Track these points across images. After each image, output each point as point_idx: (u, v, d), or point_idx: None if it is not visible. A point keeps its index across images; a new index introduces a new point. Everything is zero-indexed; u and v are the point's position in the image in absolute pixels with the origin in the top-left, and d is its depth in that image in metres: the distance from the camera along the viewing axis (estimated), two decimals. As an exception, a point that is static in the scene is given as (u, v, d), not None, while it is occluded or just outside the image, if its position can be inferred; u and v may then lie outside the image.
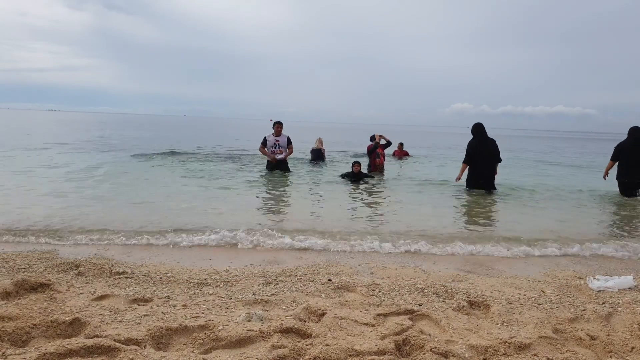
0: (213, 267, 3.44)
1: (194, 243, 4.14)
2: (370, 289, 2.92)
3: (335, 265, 3.58)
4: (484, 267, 3.76)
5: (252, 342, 2.08)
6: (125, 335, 2.06)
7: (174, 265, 3.47)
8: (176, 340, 2.13)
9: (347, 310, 2.52)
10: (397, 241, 4.34)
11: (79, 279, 2.98)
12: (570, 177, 11.53)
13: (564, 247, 4.41)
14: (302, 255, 3.92)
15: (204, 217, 5.21)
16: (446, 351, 2.02)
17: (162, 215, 5.17)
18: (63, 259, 3.39)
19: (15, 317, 2.17)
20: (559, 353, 2.12)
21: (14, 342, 2.00)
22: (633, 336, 2.37)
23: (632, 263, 4.05)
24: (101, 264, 3.32)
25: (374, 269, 3.53)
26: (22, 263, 3.22)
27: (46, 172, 8.61)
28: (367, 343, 2.07)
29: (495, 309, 2.65)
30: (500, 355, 2.06)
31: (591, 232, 5.27)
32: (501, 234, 4.95)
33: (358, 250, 4.12)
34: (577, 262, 4.01)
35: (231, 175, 9.10)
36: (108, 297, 2.64)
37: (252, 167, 10.72)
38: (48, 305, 2.37)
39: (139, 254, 3.74)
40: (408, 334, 2.18)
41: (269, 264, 3.59)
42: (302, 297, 2.75)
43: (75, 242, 4.03)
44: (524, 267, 3.80)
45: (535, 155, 19.99)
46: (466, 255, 4.14)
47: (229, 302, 2.63)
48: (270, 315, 2.41)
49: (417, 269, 3.55)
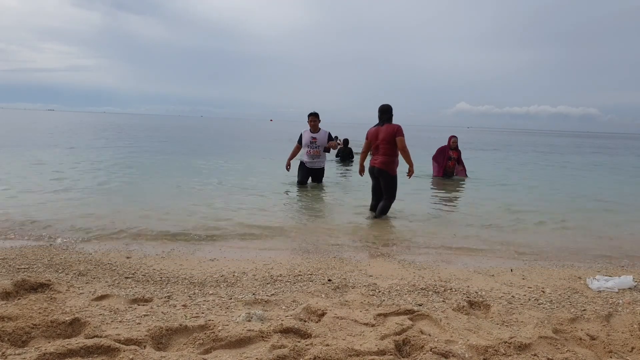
0: (213, 266, 3.44)
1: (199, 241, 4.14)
2: (370, 289, 2.92)
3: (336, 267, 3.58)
4: (484, 267, 3.75)
5: (252, 342, 2.08)
6: (125, 335, 2.06)
7: (174, 265, 3.47)
8: (176, 340, 2.13)
9: (347, 310, 2.52)
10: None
11: (79, 279, 2.98)
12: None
13: (564, 247, 4.41)
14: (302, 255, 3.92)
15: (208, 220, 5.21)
16: (446, 351, 2.02)
17: (163, 215, 5.18)
18: (63, 259, 3.39)
19: (15, 317, 2.17)
20: (559, 353, 2.12)
21: (14, 342, 2.00)
22: (633, 336, 2.37)
23: (632, 263, 4.04)
24: (102, 264, 3.32)
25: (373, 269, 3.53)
26: (22, 263, 3.22)
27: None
28: (367, 343, 2.07)
29: (495, 309, 2.65)
30: (500, 355, 2.06)
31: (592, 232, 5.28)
32: (500, 233, 4.96)
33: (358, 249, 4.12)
34: (577, 262, 4.01)
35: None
36: (108, 297, 2.64)
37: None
38: (48, 305, 2.36)
39: (138, 253, 3.74)
40: (408, 334, 2.18)
41: (269, 264, 3.59)
42: (302, 297, 2.75)
43: (75, 242, 4.03)
44: (524, 267, 3.79)
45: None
46: (467, 254, 4.14)
47: (229, 302, 2.63)
48: (270, 315, 2.41)
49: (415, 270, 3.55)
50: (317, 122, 7.39)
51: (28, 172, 8.30)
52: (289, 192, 7.15)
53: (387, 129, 5.26)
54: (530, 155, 20.27)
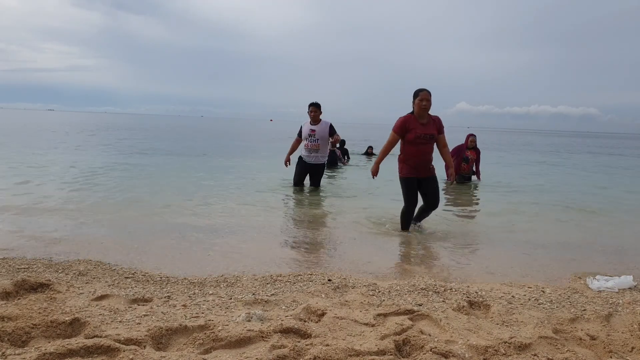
0: (212, 266, 3.44)
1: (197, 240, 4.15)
2: (370, 289, 2.92)
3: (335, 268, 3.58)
4: (484, 267, 3.75)
5: (252, 342, 2.08)
6: (125, 335, 2.06)
7: (174, 265, 3.47)
8: (176, 340, 2.13)
9: (347, 310, 2.52)
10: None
11: (79, 279, 2.98)
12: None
13: (564, 247, 4.41)
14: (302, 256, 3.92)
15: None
16: (446, 351, 2.02)
17: (163, 215, 5.18)
18: (63, 259, 3.40)
19: (15, 317, 2.17)
20: (559, 353, 2.12)
21: (13, 342, 2.00)
22: (633, 336, 2.37)
23: (632, 263, 4.04)
24: (101, 263, 3.32)
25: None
26: (22, 263, 3.22)
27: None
28: (367, 343, 2.07)
29: (495, 309, 2.65)
30: (500, 355, 2.06)
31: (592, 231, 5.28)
32: (501, 233, 4.96)
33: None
34: (577, 262, 4.01)
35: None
36: (108, 297, 2.64)
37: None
38: (48, 305, 2.36)
39: (138, 254, 3.74)
40: (408, 334, 2.18)
41: (269, 264, 3.59)
42: (302, 297, 2.75)
43: (74, 241, 4.03)
44: (524, 267, 3.79)
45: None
46: (466, 255, 4.14)
47: (228, 302, 2.63)
48: (270, 315, 2.41)
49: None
50: (319, 113, 6.70)
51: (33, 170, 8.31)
52: (287, 192, 7.13)
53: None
54: (537, 156, 20.27)
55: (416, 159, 4.55)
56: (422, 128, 4.48)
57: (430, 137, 4.51)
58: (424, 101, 4.41)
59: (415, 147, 4.50)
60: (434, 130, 4.53)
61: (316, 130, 6.67)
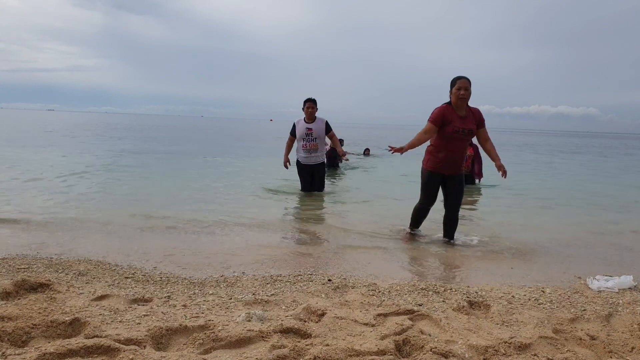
0: (212, 266, 3.44)
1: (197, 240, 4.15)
2: (370, 289, 2.92)
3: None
4: (484, 267, 3.75)
5: (252, 342, 2.08)
6: (125, 335, 2.05)
7: (174, 265, 3.47)
8: (176, 340, 2.12)
9: (347, 310, 2.52)
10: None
11: (79, 278, 2.98)
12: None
13: (565, 247, 4.41)
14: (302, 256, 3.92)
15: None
16: (446, 351, 2.02)
17: (163, 215, 5.18)
18: (63, 259, 3.39)
19: (15, 317, 2.17)
20: (559, 353, 2.12)
21: (13, 342, 2.00)
22: (633, 336, 2.36)
23: (632, 263, 4.04)
24: (102, 263, 3.32)
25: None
26: (22, 263, 3.22)
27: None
28: (367, 343, 2.07)
29: (495, 309, 2.65)
30: (500, 355, 2.06)
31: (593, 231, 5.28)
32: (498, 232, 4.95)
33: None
34: (577, 263, 4.01)
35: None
36: (108, 297, 2.63)
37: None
38: (48, 305, 2.36)
39: (138, 254, 3.74)
40: (408, 334, 2.18)
41: (269, 264, 3.59)
42: (302, 297, 2.75)
43: (74, 241, 4.03)
44: (524, 267, 3.79)
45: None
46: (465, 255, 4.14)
47: (228, 302, 2.63)
48: (270, 315, 2.41)
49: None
50: (315, 110, 6.32)
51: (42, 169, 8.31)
52: (287, 192, 7.13)
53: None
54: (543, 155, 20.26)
55: (448, 154, 4.05)
56: (461, 122, 3.97)
57: (469, 132, 4.01)
58: (462, 90, 3.91)
59: (451, 142, 4.00)
60: (473, 125, 4.04)
61: (313, 128, 6.33)
